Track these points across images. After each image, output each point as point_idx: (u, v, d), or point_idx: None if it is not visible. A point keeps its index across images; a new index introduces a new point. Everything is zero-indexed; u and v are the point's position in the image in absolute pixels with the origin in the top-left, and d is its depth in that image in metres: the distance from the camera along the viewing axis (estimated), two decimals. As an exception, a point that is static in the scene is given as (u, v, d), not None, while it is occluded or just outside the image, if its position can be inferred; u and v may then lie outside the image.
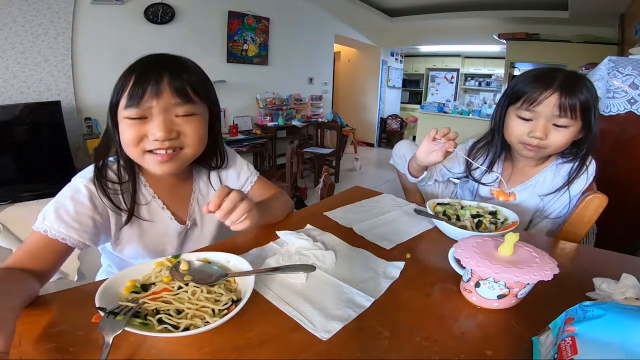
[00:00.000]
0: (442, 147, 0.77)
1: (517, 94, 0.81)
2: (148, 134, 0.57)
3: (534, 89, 0.77)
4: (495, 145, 0.92)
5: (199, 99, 0.60)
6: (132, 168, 0.64)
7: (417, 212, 0.78)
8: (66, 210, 0.56)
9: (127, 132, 0.57)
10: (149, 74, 0.56)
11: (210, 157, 0.73)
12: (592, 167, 0.83)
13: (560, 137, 0.77)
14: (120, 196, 0.63)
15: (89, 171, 0.61)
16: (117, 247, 0.67)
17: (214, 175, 0.76)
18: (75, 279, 0.79)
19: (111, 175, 0.62)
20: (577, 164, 0.83)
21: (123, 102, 0.57)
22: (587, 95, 0.74)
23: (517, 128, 0.81)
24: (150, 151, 0.58)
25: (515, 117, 0.82)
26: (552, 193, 0.85)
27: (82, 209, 0.57)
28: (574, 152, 0.83)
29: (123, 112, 0.57)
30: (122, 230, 0.65)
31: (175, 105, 0.57)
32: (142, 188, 0.67)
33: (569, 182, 0.83)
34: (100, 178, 0.60)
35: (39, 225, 0.54)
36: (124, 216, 0.63)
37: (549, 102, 0.75)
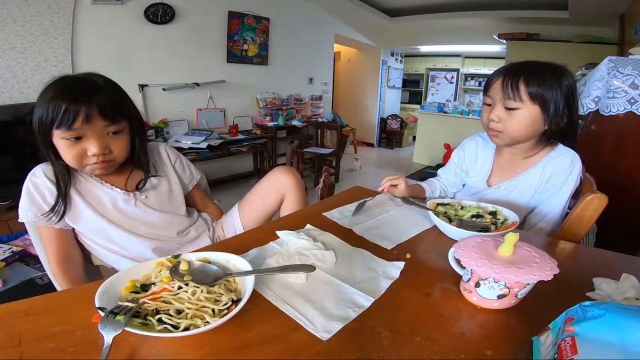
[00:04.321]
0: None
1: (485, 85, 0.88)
2: (87, 151, 0.69)
3: (490, 77, 0.83)
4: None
5: (122, 117, 0.72)
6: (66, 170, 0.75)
7: (404, 200, 0.87)
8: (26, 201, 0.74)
9: (67, 152, 0.68)
10: (76, 101, 0.64)
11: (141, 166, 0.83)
12: (577, 167, 0.83)
13: (513, 122, 0.80)
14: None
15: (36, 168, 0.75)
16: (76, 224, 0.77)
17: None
18: None
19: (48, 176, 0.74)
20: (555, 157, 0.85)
21: (55, 124, 0.65)
22: (538, 80, 0.76)
23: (483, 115, 0.88)
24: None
25: (483, 105, 0.88)
26: (536, 191, 0.87)
27: (38, 195, 0.73)
28: (551, 142, 0.85)
29: (58, 133, 0.66)
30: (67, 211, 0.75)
31: (105, 127, 0.69)
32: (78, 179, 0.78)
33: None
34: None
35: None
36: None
37: (496, 86, 0.81)
